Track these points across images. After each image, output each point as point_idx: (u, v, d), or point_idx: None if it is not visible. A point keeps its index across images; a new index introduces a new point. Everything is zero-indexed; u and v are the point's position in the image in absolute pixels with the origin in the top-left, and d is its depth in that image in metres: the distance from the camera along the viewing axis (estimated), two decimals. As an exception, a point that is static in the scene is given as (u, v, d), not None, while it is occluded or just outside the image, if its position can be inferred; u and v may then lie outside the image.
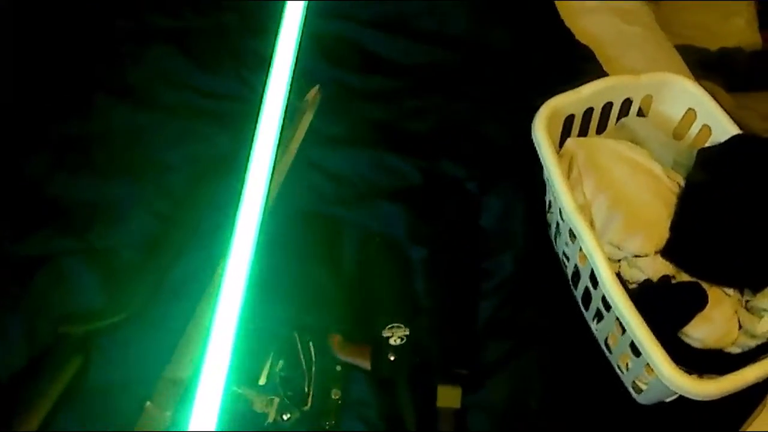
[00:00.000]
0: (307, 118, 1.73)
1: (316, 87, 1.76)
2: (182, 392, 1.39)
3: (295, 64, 1.24)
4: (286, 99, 1.25)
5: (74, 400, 1.40)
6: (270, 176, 1.24)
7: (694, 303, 1.39)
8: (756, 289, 1.44)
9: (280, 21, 1.24)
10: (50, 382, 1.39)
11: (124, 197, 1.66)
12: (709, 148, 1.57)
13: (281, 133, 1.29)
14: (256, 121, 1.25)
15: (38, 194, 1.66)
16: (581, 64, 1.91)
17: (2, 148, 1.71)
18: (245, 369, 1.43)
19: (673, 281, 1.44)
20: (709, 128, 1.57)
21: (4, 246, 1.57)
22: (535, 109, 1.52)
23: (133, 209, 1.64)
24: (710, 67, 2.10)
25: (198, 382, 1.17)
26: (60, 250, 1.56)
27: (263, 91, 1.25)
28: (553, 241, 1.60)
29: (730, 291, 1.44)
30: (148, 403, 1.36)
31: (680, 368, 1.20)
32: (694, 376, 1.23)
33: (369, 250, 1.62)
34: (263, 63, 1.80)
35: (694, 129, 1.61)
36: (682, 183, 1.55)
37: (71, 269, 1.54)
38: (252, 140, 1.65)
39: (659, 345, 1.21)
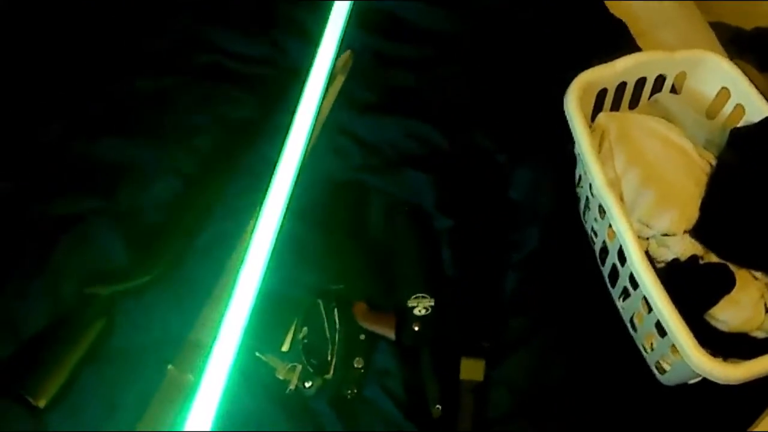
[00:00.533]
0: (338, 84, 1.72)
1: (348, 52, 1.74)
2: (205, 356, 1.39)
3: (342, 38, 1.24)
4: (330, 71, 1.25)
5: (97, 361, 1.41)
6: (306, 147, 1.24)
7: (721, 285, 1.38)
8: (785, 274, 1.43)
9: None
10: (74, 343, 1.40)
11: (151, 159, 1.66)
12: (742, 128, 1.55)
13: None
14: (300, 90, 1.24)
15: (64, 156, 1.65)
16: (615, 38, 1.89)
17: (29, 109, 1.71)
18: (269, 335, 1.43)
19: (702, 262, 1.43)
20: (743, 108, 1.55)
21: (30, 207, 1.57)
22: (568, 81, 1.51)
23: (159, 171, 1.64)
24: (744, 45, 2.08)
25: (214, 345, 1.18)
26: (86, 211, 1.57)
27: (311, 62, 1.24)
28: (582, 216, 1.59)
29: (759, 274, 1.43)
30: (171, 366, 1.36)
31: (705, 350, 1.19)
32: (719, 359, 1.22)
33: (396, 218, 1.61)
34: (296, 27, 1.81)
35: (728, 108, 1.59)
36: (714, 162, 1.54)
37: (97, 230, 1.54)
38: (278, 104, 1.65)
39: (686, 326, 1.21)
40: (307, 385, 1.38)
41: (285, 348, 1.43)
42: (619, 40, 1.88)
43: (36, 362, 1.37)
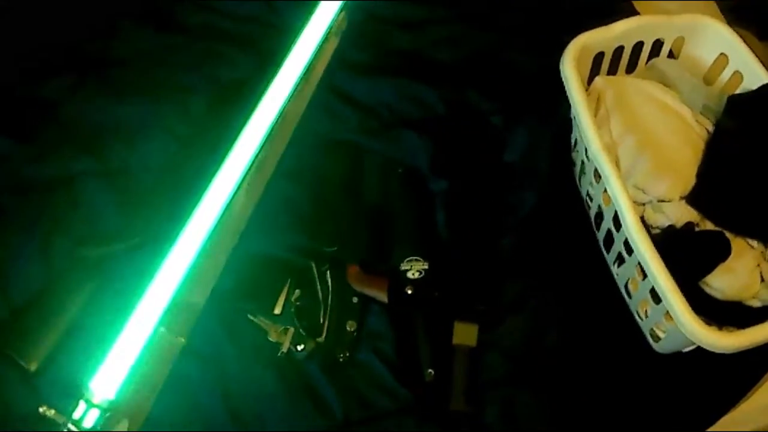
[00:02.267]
0: (332, 45, 1.71)
1: (342, 13, 1.73)
2: (196, 317, 1.38)
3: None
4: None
5: (88, 323, 1.40)
6: (284, 105, 1.25)
7: (716, 252, 1.37)
8: (781, 242, 1.42)
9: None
10: (65, 306, 1.39)
11: (143, 119, 1.65)
12: (739, 95, 1.53)
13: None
14: (286, 50, 1.24)
15: (57, 116, 1.65)
16: (613, 2, 1.87)
17: (22, 69, 1.70)
18: (261, 298, 1.43)
19: (697, 229, 1.42)
20: (741, 75, 1.54)
21: (21, 167, 1.57)
22: (565, 44, 1.49)
23: (151, 131, 1.63)
24: (744, 14, 2.06)
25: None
26: (77, 172, 1.56)
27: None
28: (577, 180, 1.58)
29: (754, 243, 1.42)
30: (162, 328, 1.35)
31: (700, 318, 1.18)
32: (713, 328, 1.21)
33: (390, 180, 1.60)
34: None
35: (726, 74, 1.57)
36: (711, 129, 1.53)
37: (88, 191, 1.54)
38: (271, 64, 1.63)
39: (680, 293, 1.20)
40: (299, 348, 1.38)
41: (277, 311, 1.42)
42: (617, 4, 1.86)
43: (27, 325, 1.37)
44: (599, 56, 1.56)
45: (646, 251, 1.24)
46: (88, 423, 1.10)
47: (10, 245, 1.47)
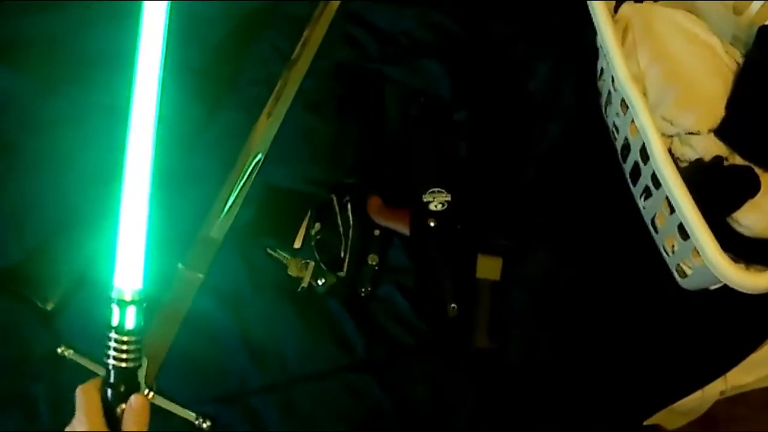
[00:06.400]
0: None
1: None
2: (215, 253, 1.37)
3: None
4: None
5: (106, 257, 1.38)
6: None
7: (746, 188, 1.34)
8: (811, 180, 1.39)
9: None
10: (81, 242, 1.38)
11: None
12: (770, 26, 1.50)
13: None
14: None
15: (58, 48, 1.61)
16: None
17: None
18: (280, 231, 1.41)
19: (726, 163, 1.39)
20: (772, 6, 1.50)
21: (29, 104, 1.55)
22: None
23: (168, 63, 1.59)
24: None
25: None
26: (90, 106, 1.53)
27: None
28: (603, 110, 1.54)
29: (784, 180, 1.39)
30: (181, 265, 1.34)
31: (728, 255, 1.16)
32: (741, 266, 1.19)
33: (412, 109, 1.56)
34: None
35: (756, 5, 1.51)
36: (741, 60, 1.49)
37: (102, 126, 1.49)
38: None
39: (709, 230, 1.17)
40: (320, 282, 1.36)
41: (297, 245, 1.41)
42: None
43: (43, 265, 1.36)
44: (627, -18, 1.52)
45: (674, 185, 1.21)
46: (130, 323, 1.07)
47: (23, 185, 1.45)
